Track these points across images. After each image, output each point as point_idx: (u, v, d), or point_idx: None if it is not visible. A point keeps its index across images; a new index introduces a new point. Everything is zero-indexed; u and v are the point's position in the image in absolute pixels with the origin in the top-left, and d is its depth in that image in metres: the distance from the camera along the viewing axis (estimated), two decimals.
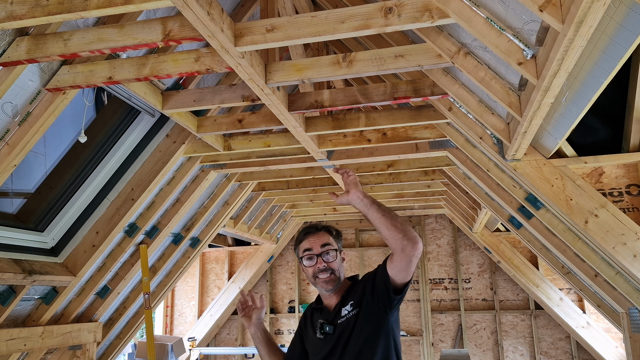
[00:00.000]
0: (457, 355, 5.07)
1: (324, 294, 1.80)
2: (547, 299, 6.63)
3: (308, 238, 1.80)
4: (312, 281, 1.77)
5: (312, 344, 1.79)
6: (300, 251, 1.80)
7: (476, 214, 5.69)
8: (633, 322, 3.33)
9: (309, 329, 1.83)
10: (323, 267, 1.74)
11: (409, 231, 1.53)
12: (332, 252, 1.77)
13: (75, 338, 3.82)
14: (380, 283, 1.65)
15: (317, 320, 1.77)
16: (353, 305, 1.70)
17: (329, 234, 1.81)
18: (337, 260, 1.78)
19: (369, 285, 1.70)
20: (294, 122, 3.17)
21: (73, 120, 3.34)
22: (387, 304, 1.65)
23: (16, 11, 2.02)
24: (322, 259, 1.75)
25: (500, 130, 2.59)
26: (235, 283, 7.83)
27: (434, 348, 7.35)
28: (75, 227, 3.61)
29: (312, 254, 1.76)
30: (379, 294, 1.65)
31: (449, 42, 2.27)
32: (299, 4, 3.44)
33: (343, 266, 1.81)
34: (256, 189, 5.41)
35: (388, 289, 1.62)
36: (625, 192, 2.66)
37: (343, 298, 1.75)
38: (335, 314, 1.74)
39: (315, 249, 1.76)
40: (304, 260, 1.79)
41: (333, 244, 1.79)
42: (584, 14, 1.32)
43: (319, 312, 1.80)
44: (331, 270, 1.75)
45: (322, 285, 1.75)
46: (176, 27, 2.18)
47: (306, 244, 1.79)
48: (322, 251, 1.76)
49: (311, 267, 1.76)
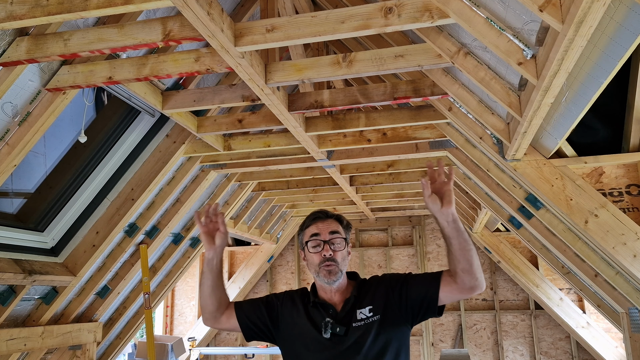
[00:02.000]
0: (457, 355, 5.07)
1: (323, 287, 1.67)
2: (547, 299, 6.63)
3: (317, 223, 1.68)
4: (316, 269, 1.64)
5: (308, 338, 1.64)
6: (307, 236, 1.67)
7: (476, 214, 5.69)
8: (633, 322, 3.33)
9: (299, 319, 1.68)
10: (329, 255, 1.62)
11: (482, 273, 1.52)
12: (341, 242, 1.65)
13: (75, 338, 3.82)
14: (421, 298, 1.59)
15: (319, 316, 1.64)
16: (373, 311, 1.61)
17: (339, 222, 1.70)
18: (343, 251, 1.66)
19: (395, 293, 1.62)
20: (294, 122, 3.17)
21: (73, 120, 3.34)
22: (416, 317, 1.61)
23: (16, 11, 2.02)
24: (330, 247, 1.63)
25: (500, 130, 2.59)
26: (236, 283, 7.83)
27: (434, 348, 7.35)
28: (76, 227, 3.61)
29: (319, 239, 1.64)
30: (413, 306, 1.60)
31: (449, 42, 2.27)
32: (299, 4, 3.44)
33: (347, 260, 1.68)
34: (256, 189, 5.41)
35: (430, 307, 1.58)
36: (625, 192, 2.66)
37: (355, 298, 1.65)
38: (346, 314, 1.62)
39: (324, 235, 1.64)
40: (309, 246, 1.66)
41: (342, 233, 1.68)
42: (584, 14, 1.32)
43: (319, 308, 1.66)
44: (335, 262, 1.63)
45: (325, 275, 1.62)
46: (176, 27, 2.18)
47: (314, 228, 1.67)
48: (330, 238, 1.64)
49: (316, 254, 1.64)
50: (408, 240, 7.86)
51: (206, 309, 1.72)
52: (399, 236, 7.91)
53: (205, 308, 1.73)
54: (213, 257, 1.67)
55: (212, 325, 1.77)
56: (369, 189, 5.75)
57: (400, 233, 7.90)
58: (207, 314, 1.73)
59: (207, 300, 1.71)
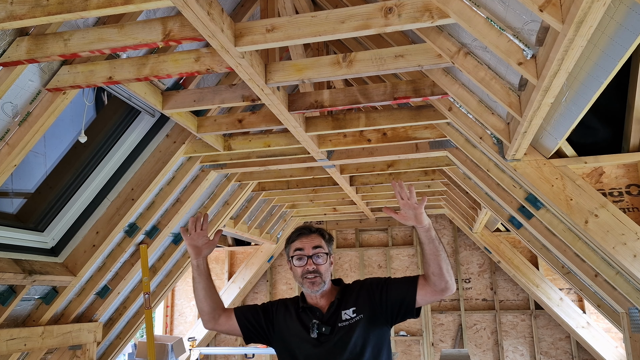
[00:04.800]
0: (457, 355, 5.07)
1: (309, 294, 1.84)
2: (547, 299, 6.63)
3: (300, 239, 1.83)
4: (300, 281, 1.81)
5: (299, 338, 1.78)
6: (292, 250, 1.84)
7: (476, 214, 5.69)
8: (633, 322, 3.33)
9: (291, 322, 1.83)
10: (312, 268, 1.78)
11: (452, 276, 1.71)
12: (323, 256, 1.81)
13: (75, 338, 3.82)
14: (400, 300, 1.76)
15: (307, 319, 1.79)
16: (356, 312, 1.76)
17: (321, 237, 1.85)
18: (326, 264, 1.82)
19: (376, 295, 1.78)
20: (294, 122, 3.17)
21: (73, 120, 3.34)
22: (395, 318, 1.77)
23: (16, 11, 2.02)
24: (312, 261, 1.79)
25: (500, 130, 2.59)
26: (236, 283, 7.83)
27: (434, 348, 7.35)
28: (76, 227, 3.61)
29: (302, 254, 1.80)
30: (393, 307, 1.76)
31: (449, 42, 2.27)
32: (299, 4, 3.44)
33: (330, 270, 1.85)
34: (256, 189, 5.41)
35: (408, 308, 1.76)
36: (625, 192, 2.66)
37: (339, 301, 1.80)
38: (332, 315, 1.77)
39: (307, 250, 1.80)
40: (294, 260, 1.82)
41: (324, 247, 1.83)
42: (584, 14, 1.32)
43: (307, 311, 1.81)
44: (319, 273, 1.78)
45: (309, 286, 1.78)
46: (176, 27, 2.18)
47: (298, 244, 1.83)
48: (314, 253, 1.79)
49: (300, 267, 1.80)
50: (408, 240, 7.86)
51: (204, 310, 1.85)
52: (399, 236, 7.91)
53: (203, 310, 1.85)
54: (200, 263, 1.82)
55: (213, 327, 1.88)
56: (369, 189, 5.75)
57: (400, 233, 7.90)
58: (207, 315, 1.86)
59: (204, 303, 1.84)
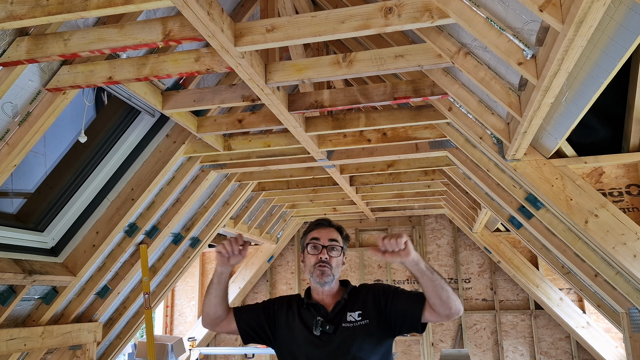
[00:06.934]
0: (457, 355, 5.07)
1: (316, 288, 1.83)
2: (547, 299, 6.63)
3: (319, 229, 1.85)
4: (311, 270, 1.80)
5: (300, 337, 1.77)
6: (308, 238, 1.85)
7: (476, 214, 5.69)
8: (633, 322, 3.33)
9: (293, 322, 1.81)
10: (325, 258, 1.78)
11: (456, 301, 1.64)
12: (338, 249, 1.82)
13: (75, 338, 3.82)
14: (404, 313, 1.74)
15: (310, 316, 1.78)
16: (362, 316, 1.75)
17: (339, 232, 1.87)
18: (339, 258, 1.82)
19: (382, 302, 1.77)
20: (294, 122, 3.17)
21: (73, 120, 3.34)
22: (398, 330, 1.75)
23: (16, 11, 2.02)
24: (327, 252, 1.79)
25: (500, 130, 2.59)
26: (235, 283, 7.83)
27: (434, 348, 7.35)
28: (75, 227, 3.61)
29: (318, 243, 1.81)
30: (396, 319, 1.74)
31: (449, 42, 2.27)
32: (299, 4, 3.44)
33: (341, 268, 1.85)
34: (256, 189, 5.41)
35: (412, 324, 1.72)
36: (625, 192, 2.66)
37: (346, 301, 1.79)
38: (337, 314, 1.77)
39: (323, 240, 1.81)
40: (308, 247, 1.82)
41: (340, 242, 1.84)
42: (584, 14, 1.32)
43: (312, 308, 1.80)
44: (330, 265, 1.79)
45: (318, 275, 1.78)
46: (176, 27, 2.18)
47: (315, 233, 1.84)
48: (329, 245, 1.80)
49: (314, 256, 1.80)
50: None
51: (210, 315, 1.85)
52: None
53: (208, 314, 1.85)
54: (224, 271, 1.80)
55: (211, 329, 1.89)
56: (369, 189, 5.75)
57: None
58: (209, 319, 1.86)
59: (212, 308, 1.83)
